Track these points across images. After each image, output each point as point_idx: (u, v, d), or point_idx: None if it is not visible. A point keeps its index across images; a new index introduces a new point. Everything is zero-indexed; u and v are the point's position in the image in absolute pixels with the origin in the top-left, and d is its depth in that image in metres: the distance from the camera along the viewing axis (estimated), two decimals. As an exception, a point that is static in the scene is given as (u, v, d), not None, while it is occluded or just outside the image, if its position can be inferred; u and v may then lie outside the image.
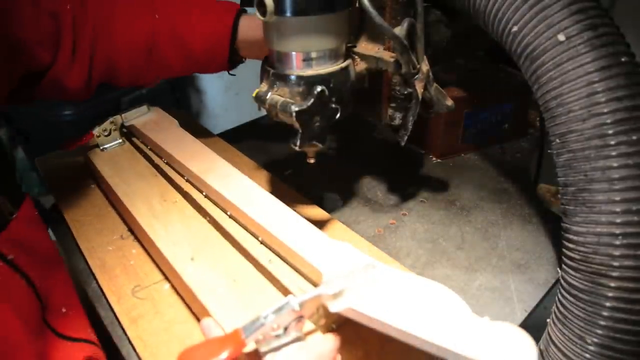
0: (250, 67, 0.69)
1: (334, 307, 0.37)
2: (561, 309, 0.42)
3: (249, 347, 0.35)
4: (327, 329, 0.42)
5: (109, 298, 0.52)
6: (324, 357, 0.36)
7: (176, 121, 0.72)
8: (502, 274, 0.53)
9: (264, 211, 0.50)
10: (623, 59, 0.38)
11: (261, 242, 0.49)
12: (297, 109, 0.45)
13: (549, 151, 0.44)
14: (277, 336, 0.36)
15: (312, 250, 0.44)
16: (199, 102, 1.85)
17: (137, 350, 0.46)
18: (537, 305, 0.50)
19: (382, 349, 0.43)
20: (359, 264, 0.40)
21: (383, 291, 0.37)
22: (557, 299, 0.44)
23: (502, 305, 0.49)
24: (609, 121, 0.37)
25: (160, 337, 0.47)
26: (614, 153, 0.37)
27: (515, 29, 0.43)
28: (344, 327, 0.42)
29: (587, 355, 0.39)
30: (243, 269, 0.49)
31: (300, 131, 0.47)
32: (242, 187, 0.54)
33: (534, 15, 0.41)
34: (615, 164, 0.37)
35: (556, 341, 0.42)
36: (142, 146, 0.70)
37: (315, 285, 0.43)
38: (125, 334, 0.48)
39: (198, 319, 0.48)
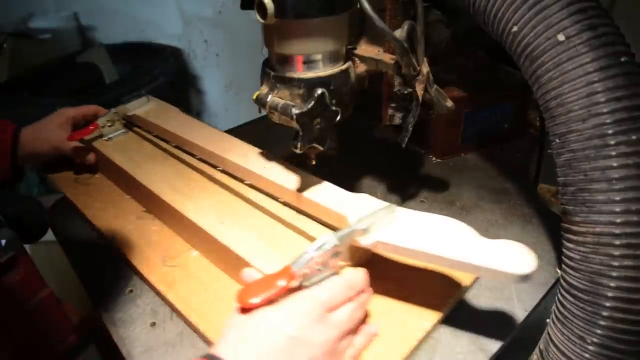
0: (250, 67, 0.69)
1: (365, 241, 0.43)
2: (561, 309, 0.42)
3: (295, 281, 0.39)
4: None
5: (140, 269, 0.55)
6: (358, 284, 0.42)
7: (177, 108, 0.76)
8: (502, 273, 0.53)
9: (283, 176, 0.55)
10: (623, 59, 0.38)
11: (283, 204, 0.55)
12: (297, 111, 0.45)
13: (549, 151, 0.44)
14: (318, 270, 0.40)
15: (334, 201, 0.50)
16: (199, 102, 1.86)
17: (180, 310, 0.49)
18: (537, 305, 0.50)
19: (399, 285, 0.49)
20: (378, 207, 0.46)
21: (403, 225, 0.45)
22: (557, 299, 0.44)
23: (502, 305, 0.49)
24: (608, 121, 0.37)
25: (199, 296, 0.51)
26: (613, 153, 0.37)
27: (515, 29, 0.43)
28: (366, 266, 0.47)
29: (587, 355, 0.39)
30: (270, 226, 0.54)
31: (301, 133, 0.47)
32: (257, 158, 0.59)
33: (534, 15, 0.41)
34: (614, 164, 0.37)
35: (556, 341, 0.42)
36: (144, 133, 0.74)
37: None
38: (166, 300, 0.52)
39: (232, 277, 0.52)
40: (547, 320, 0.45)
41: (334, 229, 0.50)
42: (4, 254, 0.46)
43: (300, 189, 0.52)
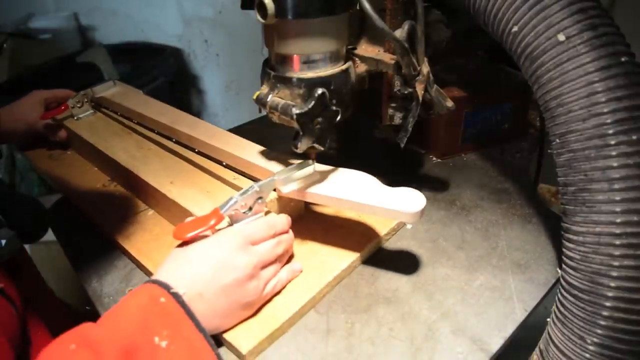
0: (250, 67, 0.69)
1: (284, 190, 0.51)
2: (561, 308, 0.42)
3: (225, 221, 0.47)
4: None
5: (104, 226, 0.62)
6: (277, 225, 0.49)
7: (140, 91, 0.85)
8: (502, 273, 0.53)
9: (226, 142, 0.63)
10: (623, 59, 0.38)
11: (225, 166, 0.62)
12: (298, 111, 0.46)
13: (549, 151, 0.44)
14: (245, 213, 0.48)
15: (265, 161, 0.58)
16: (199, 102, 1.86)
17: (134, 255, 0.57)
18: (537, 305, 0.50)
19: (325, 234, 0.57)
20: (299, 164, 0.52)
21: (319, 178, 0.52)
22: (557, 298, 0.44)
23: (502, 305, 0.49)
24: (609, 121, 0.38)
25: (150, 245, 0.58)
26: (614, 153, 0.37)
27: (515, 29, 0.43)
28: (297, 221, 0.55)
29: (587, 355, 0.39)
30: (213, 185, 0.61)
31: (301, 133, 0.47)
32: (205, 128, 0.68)
33: (534, 15, 0.41)
34: (615, 164, 0.37)
35: (556, 341, 0.42)
36: (111, 114, 0.82)
37: None
38: (123, 249, 0.59)
39: None
40: (547, 320, 0.45)
41: None
42: (4, 254, 0.46)
43: (239, 152, 0.60)
